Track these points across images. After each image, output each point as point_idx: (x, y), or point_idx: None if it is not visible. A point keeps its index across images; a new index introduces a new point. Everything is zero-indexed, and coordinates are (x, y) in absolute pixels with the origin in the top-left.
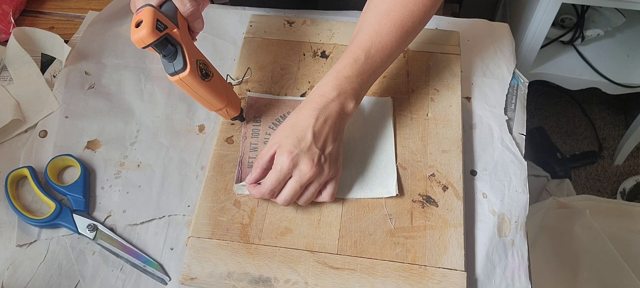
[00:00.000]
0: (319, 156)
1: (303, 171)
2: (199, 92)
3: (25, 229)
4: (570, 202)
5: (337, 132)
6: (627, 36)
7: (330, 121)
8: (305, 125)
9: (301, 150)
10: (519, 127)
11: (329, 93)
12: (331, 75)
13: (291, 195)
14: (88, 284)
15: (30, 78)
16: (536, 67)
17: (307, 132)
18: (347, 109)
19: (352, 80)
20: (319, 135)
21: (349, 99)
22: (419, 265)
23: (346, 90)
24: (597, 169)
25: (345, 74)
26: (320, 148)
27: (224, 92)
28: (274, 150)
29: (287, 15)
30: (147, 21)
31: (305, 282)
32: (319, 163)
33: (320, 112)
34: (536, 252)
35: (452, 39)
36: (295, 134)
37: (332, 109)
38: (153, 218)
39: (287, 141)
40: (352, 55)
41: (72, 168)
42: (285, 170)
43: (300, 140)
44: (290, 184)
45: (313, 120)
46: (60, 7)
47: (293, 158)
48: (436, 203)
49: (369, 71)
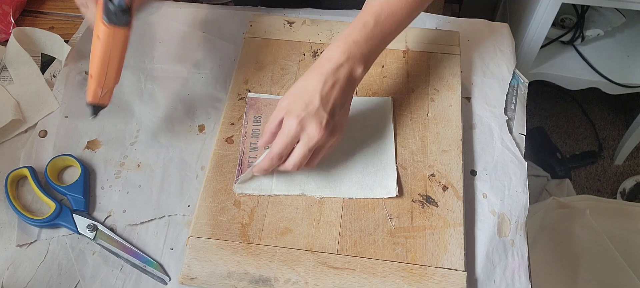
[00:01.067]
0: (327, 120)
1: (311, 135)
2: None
3: (25, 229)
4: (570, 202)
5: (345, 96)
6: (627, 36)
7: (338, 85)
8: (313, 89)
9: (308, 114)
10: (519, 127)
11: (337, 57)
12: (340, 40)
13: (300, 159)
14: (88, 284)
15: (30, 78)
16: (536, 67)
17: (315, 96)
18: (355, 74)
19: (360, 45)
20: (326, 100)
21: (358, 64)
22: (419, 265)
23: (355, 54)
24: (597, 169)
25: (354, 38)
26: (328, 112)
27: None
28: (282, 114)
29: (287, 15)
30: None
31: (305, 282)
32: (327, 126)
33: (328, 76)
34: (536, 252)
35: (452, 39)
36: (303, 98)
37: (341, 74)
38: (153, 218)
39: (294, 105)
40: (361, 21)
41: (72, 168)
42: (292, 133)
43: (308, 104)
44: (298, 148)
45: (321, 84)
46: (60, 7)
47: (300, 122)
48: (436, 203)
49: (378, 37)
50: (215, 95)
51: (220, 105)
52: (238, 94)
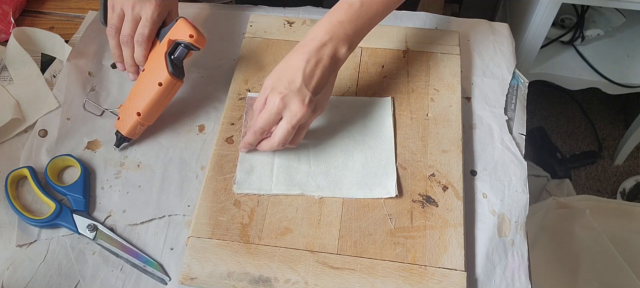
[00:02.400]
0: (309, 98)
1: (293, 111)
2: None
3: (25, 229)
4: (570, 202)
5: (328, 76)
6: (627, 36)
7: (322, 64)
8: (296, 67)
9: (291, 91)
10: (519, 127)
11: (321, 37)
12: (325, 19)
13: (284, 136)
14: (88, 284)
15: (30, 78)
16: (536, 67)
17: (298, 74)
18: (339, 54)
19: (345, 26)
20: (309, 78)
21: (341, 44)
22: (419, 265)
23: (339, 35)
24: (597, 169)
25: (338, 18)
26: (311, 91)
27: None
28: (267, 93)
29: (287, 15)
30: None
31: (305, 282)
32: (309, 104)
33: (311, 55)
34: (536, 252)
35: (452, 39)
36: (286, 76)
37: (324, 53)
38: (153, 218)
39: (278, 83)
40: (347, 1)
41: (72, 168)
42: (275, 109)
43: (291, 82)
44: (281, 125)
45: (304, 63)
46: (60, 7)
47: (283, 99)
48: (436, 203)
49: (363, 17)
50: (215, 95)
51: (220, 105)
52: (238, 94)
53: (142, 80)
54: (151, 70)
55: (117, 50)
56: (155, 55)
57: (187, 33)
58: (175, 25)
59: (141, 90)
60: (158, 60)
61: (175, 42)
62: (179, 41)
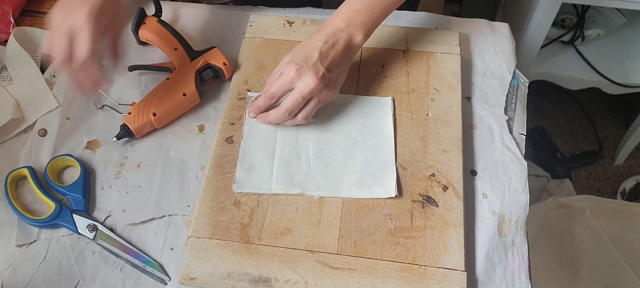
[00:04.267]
0: (323, 72)
1: (306, 81)
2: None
3: (24, 229)
4: (570, 202)
5: (343, 59)
6: (627, 36)
7: (338, 47)
8: (314, 45)
9: (306, 64)
10: (519, 127)
11: (338, 23)
12: (342, 7)
13: (292, 104)
14: (88, 284)
15: (30, 78)
16: (536, 67)
17: (315, 51)
18: (354, 40)
19: (361, 14)
20: (325, 56)
21: (358, 31)
22: (419, 265)
23: (355, 22)
24: (597, 169)
25: (354, 7)
26: (325, 67)
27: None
28: (283, 67)
29: (287, 15)
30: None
31: (305, 282)
32: (322, 78)
33: (329, 37)
34: (536, 252)
35: (452, 39)
36: (303, 51)
37: (341, 37)
38: (153, 218)
39: (295, 56)
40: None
41: (72, 168)
42: (289, 77)
43: (307, 56)
44: (293, 94)
45: (321, 42)
46: None
47: (298, 70)
48: (436, 203)
49: (379, 6)
50: (215, 95)
51: (220, 105)
52: (238, 94)
53: (167, 87)
54: (178, 81)
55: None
56: (185, 70)
57: (222, 60)
58: (211, 51)
59: (163, 95)
60: (187, 74)
61: (207, 64)
62: (212, 64)
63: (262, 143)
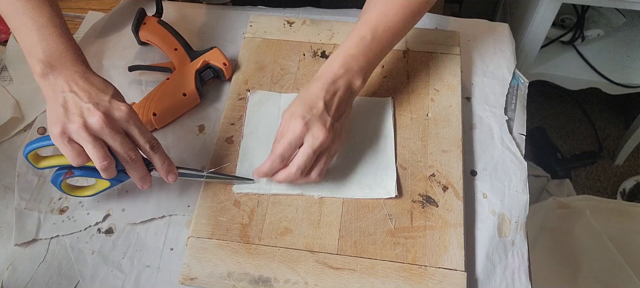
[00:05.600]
0: (331, 123)
1: (316, 135)
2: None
3: (23, 228)
4: (570, 202)
5: (345, 106)
6: (627, 36)
7: (339, 94)
8: (316, 95)
9: (313, 116)
10: (519, 127)
11: (336, 70)
12: (339, 53)
13: (304, 161)
14: (88, 284)
15: (30, 78)
16: (536, 67)
17: (319, 101)
18: (354, 86)
19: (358, 59)
20: (329, 105)
21: (356, 77)
22: (419, 265)
23: (353, 68)
24: (597, 169)
25: (351, 52)
26: (332, 116)
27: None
28: (287, 122)
29: (287, 15)
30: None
31: (305, 282)
32: (331, 128)
33: (329, 85)
34: (536, 252)
35: (452, 39)
36: (306, 103)
37: (340, 85)
38: (153, 218)
39: (299, 109)
40: (359, 34)
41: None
42: (297, 133)
43: (312, 107)
44: (303, 150)
45: (323, 92)
46: (60, 7)
47: (306, 123)
48: (436, 203)
49: (375, 50)
50: (215, 95)
51: (220, 105)
52: (238, 94)
53: (167, 87)
54: (178, 81)
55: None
56: (185, 70)
57: (222, 61)
58: (211, 51)
59: (163, 96)
60: (187, 75)
61: (207, 64)
62: (211, 65)
63: (262, 143)
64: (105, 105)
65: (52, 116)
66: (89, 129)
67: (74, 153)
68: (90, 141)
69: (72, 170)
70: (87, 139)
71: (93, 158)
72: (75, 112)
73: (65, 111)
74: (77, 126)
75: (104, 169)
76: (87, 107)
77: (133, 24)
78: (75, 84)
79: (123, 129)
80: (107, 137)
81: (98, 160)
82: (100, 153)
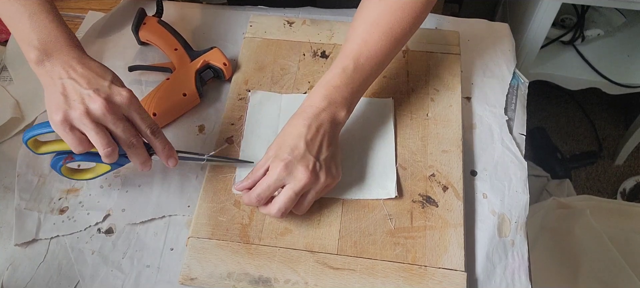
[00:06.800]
0: (313, 163)
1: (298, 177)
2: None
3: (23, 228)
4: (570, 202)
5: (331, 139)
6: (627, 36)
7: (323, 129)
8: (298, 134)
9: (294, 158)
10: (519, 127)
11: (319, 103)
12: (321, 85)
13: (285, 202)
14: (88, 284)
15: (30, 78)
16: (536, 67)
17: (300, 141)
18: (338, 118)
19: (341, 90)
20: (312, 143)
21: (340, 108)
22: (419, 266)
23: (336, 99)
24: (597, 169)
25: (334, 83)
26: (314, 156)
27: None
28: (268, 163)
29: (287, 15)
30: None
31: (305, 282)
32: (314, 170)
33: (311, 121)
34: (536, 252)
35: (452, 39)
36: (288, 143)
37: (324, 118)
38: (153, 218)
39: (280, 151)
40: (340, 65)
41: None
42: (275, 176)
43: (294, 148)
44: (285, 192)
45: (305, 129)
46: (60, 7)
47: (286, 166)
48: (436, 203)
49: (358, 80)
50: (215, 95)
51: (220, 105)
52: (238, 94)
53: (167, 87)
54: (178, 81)
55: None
56: (184, 70)
57: (222, 61)
58: (211, 51)
59: (163, 96)
60: (187, 75)
61: (207, 64)
62: (211, 65)
63: (262, 143)
64: (106, 91)
65: (52, 103)
66: (91, 115)
67: (77, 140)
68: (93, 128)
69: (72, 155)
70: (89, 125)
71: (96, 144)
72: (76, 98)
73: (65, 98)
74: (78, 113)
75: (108, 155)
76: (88, 94)
77: (133, 24)
78: (73, 69)
79: (124, 114)
80: (110, 123)
81: (101, 146)
82: (103, 140)
